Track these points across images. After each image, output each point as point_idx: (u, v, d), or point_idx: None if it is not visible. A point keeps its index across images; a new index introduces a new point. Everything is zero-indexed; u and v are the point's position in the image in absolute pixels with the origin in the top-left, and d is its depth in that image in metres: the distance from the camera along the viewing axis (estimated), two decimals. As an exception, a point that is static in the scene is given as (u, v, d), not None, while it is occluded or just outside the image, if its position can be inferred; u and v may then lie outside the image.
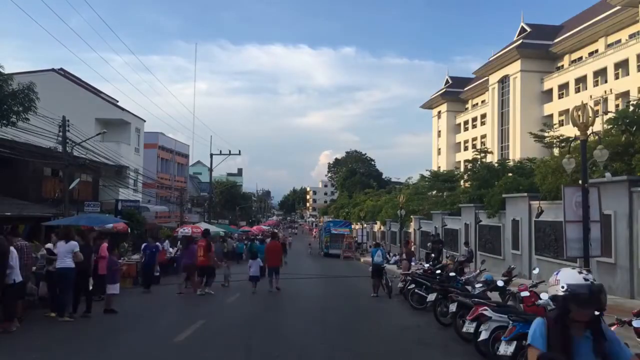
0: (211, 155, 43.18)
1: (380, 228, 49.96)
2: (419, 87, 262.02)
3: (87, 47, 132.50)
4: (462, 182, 35.36)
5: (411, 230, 37.17)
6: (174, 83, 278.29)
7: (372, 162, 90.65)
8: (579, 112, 8.98)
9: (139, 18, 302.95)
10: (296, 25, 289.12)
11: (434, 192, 38.35)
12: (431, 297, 11.79)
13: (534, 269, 10.99)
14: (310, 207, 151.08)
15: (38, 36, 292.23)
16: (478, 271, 13.58)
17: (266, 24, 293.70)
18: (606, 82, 41.34)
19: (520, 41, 50.63)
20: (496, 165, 29.43)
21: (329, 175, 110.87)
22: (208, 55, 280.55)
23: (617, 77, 40.70)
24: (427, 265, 16.31)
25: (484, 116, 61.45)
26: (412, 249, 23.85)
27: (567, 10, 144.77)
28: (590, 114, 9.04)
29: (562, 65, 49.36)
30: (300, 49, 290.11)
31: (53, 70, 35.70)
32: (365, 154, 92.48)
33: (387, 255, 25.64)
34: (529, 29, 51.56)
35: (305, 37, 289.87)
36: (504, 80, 54.88)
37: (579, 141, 9.73)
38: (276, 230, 27.39)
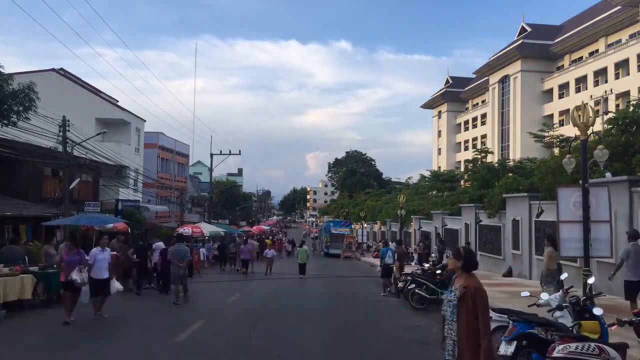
0: (211, 155, 43.25)
1: (380, 228, 49.95)
2: (420, 85, 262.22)
3: (76, 43, 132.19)
4: (462, 182, 35.38)
5: (411, 230, 37.15)
6: (169, 80, 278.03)
7: (373, 162, 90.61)
8: (579, 112, 8.95)
9: (125, 13, 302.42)
10: (287, 22, 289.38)
11: (434, 192, 38.35)
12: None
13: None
14: (311, 207, 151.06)
15: (26, 32, 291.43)
16: None
17: (260, 20, 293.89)
18: (606, 82, 41.34)
19: (521, 41, 50.61)
20: (496, 165, 29.42)
21: (329, 175, 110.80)
22: (201, 51, 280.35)
23: (617, 77, 40.71)
24: (427, 265, 16.32)
25: (484, 116, 61.45)
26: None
27: (567, 10, 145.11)
28: (591, 114, 9.00)
29: (563, 65, 49.35)
30: (293, 45, 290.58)
31: (53, 70, 35.72)
32: (366, 154, 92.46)
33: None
34: (529, 29, 51.55)
35: (300, 34, 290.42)
36: (504, 80, 54.87)
37: (579, 141, 9.72)
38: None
